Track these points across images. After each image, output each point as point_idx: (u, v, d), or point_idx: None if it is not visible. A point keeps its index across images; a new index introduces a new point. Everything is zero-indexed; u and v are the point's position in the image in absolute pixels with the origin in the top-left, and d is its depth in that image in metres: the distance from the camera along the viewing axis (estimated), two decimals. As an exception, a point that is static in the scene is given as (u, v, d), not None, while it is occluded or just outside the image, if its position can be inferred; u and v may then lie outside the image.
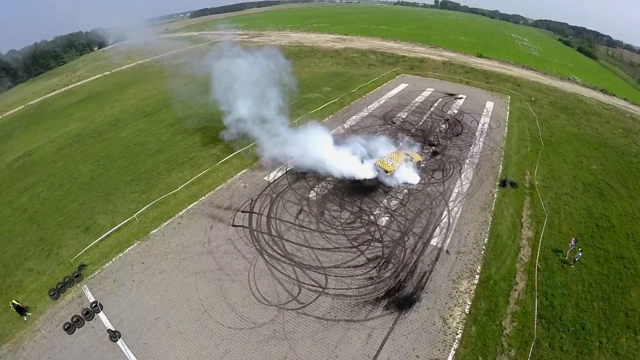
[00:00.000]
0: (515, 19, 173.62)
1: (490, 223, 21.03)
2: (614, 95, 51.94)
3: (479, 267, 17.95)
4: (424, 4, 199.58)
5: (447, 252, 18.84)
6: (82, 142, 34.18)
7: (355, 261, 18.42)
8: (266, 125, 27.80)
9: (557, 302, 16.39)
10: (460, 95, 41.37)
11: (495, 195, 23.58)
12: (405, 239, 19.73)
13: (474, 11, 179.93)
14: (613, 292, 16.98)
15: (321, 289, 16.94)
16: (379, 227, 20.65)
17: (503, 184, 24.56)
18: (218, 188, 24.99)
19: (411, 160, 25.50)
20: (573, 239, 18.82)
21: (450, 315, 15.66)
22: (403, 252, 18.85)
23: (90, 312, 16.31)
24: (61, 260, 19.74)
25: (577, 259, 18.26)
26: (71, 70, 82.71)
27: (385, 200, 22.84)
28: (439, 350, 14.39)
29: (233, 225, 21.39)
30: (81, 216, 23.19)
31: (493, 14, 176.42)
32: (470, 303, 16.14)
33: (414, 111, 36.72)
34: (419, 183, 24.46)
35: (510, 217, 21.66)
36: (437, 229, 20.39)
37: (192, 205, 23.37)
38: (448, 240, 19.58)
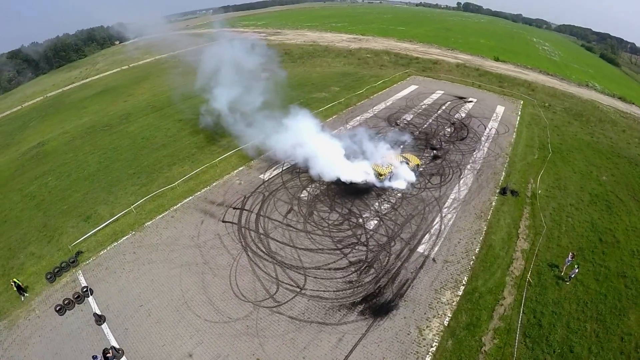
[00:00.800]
0: (539, 24, 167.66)
1: (484, 232, 19.98)
2: (633, 103, 48.68)
3: (465, 278, 17.05)
4: (446, 5, 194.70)
5: (434, 260, 18.04)
6: (93, 135, 35.39)
7: (337, 264, 17.98)
8: (267, 123, 27.72)
9: (546, 321, 15.27)
10: (470, 99, 39.76)
11: (494, 204, 22.40)
12: (392, 244, 19.07)
13: (496, 14, 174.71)
14: (609, 314, 15.66)
15: (299, 289, 16.70)
16: (366, 230, 20.14)
17: (503, 191, 23.32)
18: (214, 184, 25.17)
19: (408, 164, 24.80)
20: (570, 253, 17.58)
21: (427, 327, 14.95)
22: (387, 258, 18.22)
23: (81, 296, 16.82)
24: (61, 246, 20.48)
25: (573, 276, 17.00)
26: (91, 64, 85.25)
27: (377, 204, 22.20)
28: (413, 353, 13.83)
29: (223, 221, 21.46)
30: (83, 205, 24.00)
31: (516, 18, 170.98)
32: (450, 315, 15.35)
33: (420, 114, 35.60)
34: (415, 187, 23.68)
35: (507, 227, 20.51)
36: (427, 236, 19.58)
37: (188, 199, 23.64)
38: (436, 248, 18.75)
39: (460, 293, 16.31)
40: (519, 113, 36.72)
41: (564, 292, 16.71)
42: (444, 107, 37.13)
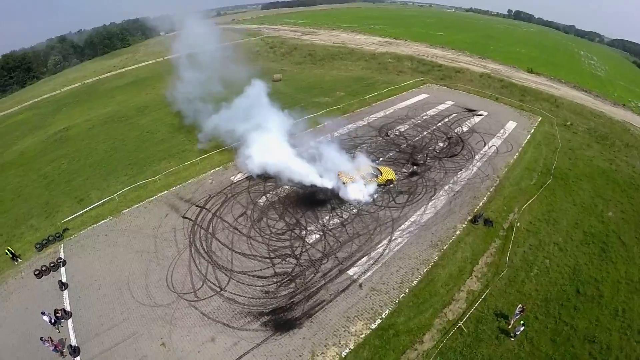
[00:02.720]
0: (591, 37, 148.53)
1: (431, 263, 17.60)
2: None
3: (386, 311, 15.17)
4: (497, 12, 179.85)
5: (360, 285, 16.41)
6: (110, 124, 38.37)
7: (263, 272, 17.38)
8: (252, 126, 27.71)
9: (462, 382, 12.99)
10: (480, 112, 35.51)
11: (458, 232, 19.63)
12: (324, 261, 17.81)
13: (548, 24, 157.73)
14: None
15: (219, 289, 16.67)
16: (304, 243, 19.11)
17: (475, 220, 20.36)
18: (190, 181, 25.80)
19: (376, 177, 23.04)
20: (520, 306, 14.46)
21: (322, 353, 13.66)
22: (313, 275, 17.12)
23: (56, 265, 18.83)
24: (54, 222, 22.69)
25: (518, 333, 14.09)
26: (133, 53, 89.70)
27: (327, 218, 20.95)
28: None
29: (183, 217, 21.98)
30: (81, 189, 26.26)
31: (568, 29, 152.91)
32: (352, 348, 13.80)
33: (418, 125, 32.73)
34: (374, 205, 21.89)
35: (461, 262, 17.78)
36: (365, 259, 17.87)
37: (163, 193, 24.57)
38: (368, 273, 16.98)
39: (373, 326, 14.55)
40: (531, 131, 31.87)
41: (503, 350, 13.93)
42: (447, 120, 33.69)
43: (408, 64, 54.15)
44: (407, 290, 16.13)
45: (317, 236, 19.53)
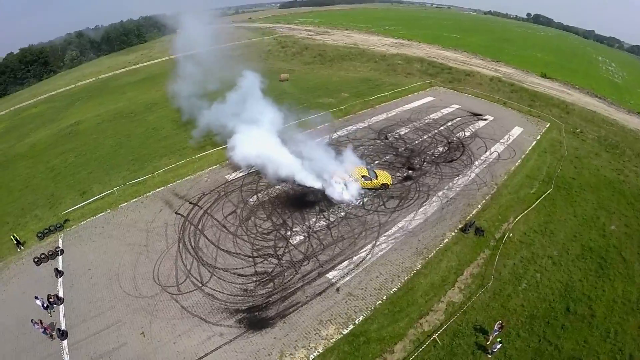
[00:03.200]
0: (611, 42, 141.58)
1: (413, 272, 17.20)
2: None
3: (360, 318, 14.98)
4: (516, 16, 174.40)
5: (338, 290, 16.28)
6: (118, 120, 39.68)
7: (244, 270, 17.61)
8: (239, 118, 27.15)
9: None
10: (485, 117, 34.37)
11: (445, 241, 19.08)
12: (305, 263, 17.79)
13: (567, 29, 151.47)
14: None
15: (200, 285, 17.06)
16: (288, 244, 19.11)
17: (465, 228, 19.72)
18: (186, 178, 26.32)
19: (370, 180, 22.66)
20: (498, 323, 13.77)
21: (291, 354, 13.72)
22: (292, 276, 17.12)
23: (54, 254, 19.83)
24: (56, 212, 23.82)
25: (494, 351, 13.54)
26: (148, 49, 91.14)
27: (314, 220, 20.88)
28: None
29: (176, 213, 22.56)
30: (85, 182, 27.38)
31: (588, 34, 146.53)
32: (320, 352, 13.73)
33: (419, 128, 32.08)
34: (363, 209, 21.61)
35: (445, 272, 17.26)
36: (346, 262, 17.69)
37: (160, 189, 25.25)
38: (347, 278, 16.81)
39: (345, 332, 14.40)
40: (537, 137, 30.54)
41: (478, 364, 13.50)
42: (450, 123, 32.81)
43: (417, 66, 53.17)
44: (384, 298, 15.85)
45: (302, 238, 19.53)
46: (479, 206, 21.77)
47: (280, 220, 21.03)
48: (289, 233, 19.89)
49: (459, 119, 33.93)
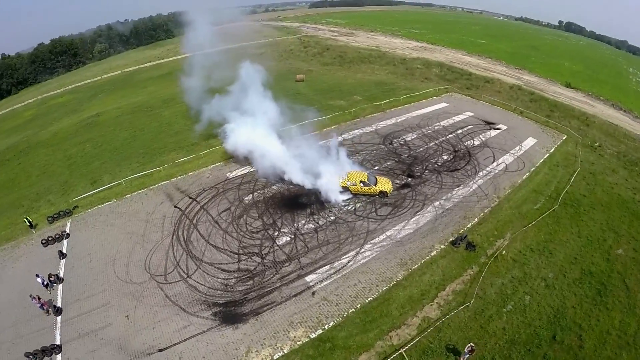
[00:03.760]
0: None
1: (393, 283, 16.94)
2: None
3: (330, 323, 15.05)
4: (547, 23, 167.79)
5: (313, 293, 16.43)
6: (135, 113, 41.78)
7: (228, 266, 18.27)
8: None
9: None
10: (498, 126, 33.00)
11: (433, 253, 18.60)
12: (287, 264, 18.11)
13: (600, 38, 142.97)
14: None
15: (186, 276, 17.92)
16: (273, 244, 19.52)
17: (455, 242, 19.14)
18: (190, 174, 27.46)
19: (369, 187, 22.40)
20: (469, 345, 13.24)
21: (257, 351, 14.12)
22: (272, 276, 17.48)
23: (60, 237, 21.57)
24: (67, 199, 25.76)
25: (464, 375, 13.07)
26: (175, 44, 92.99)
27: (303, 222, 21.15)
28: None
29: (175, 206, 23.70)
30: (96, 172, 29.36)
31: (620, 45, 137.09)
32: (285, 352, 13.99)
33: (427, 135, 31.40)
34: (354, 214, 21.55)
35: (426, 285, 16.82)
36: (326, 267, 17.80)
37: (164, 182, 26.56)
38: (325, 283, 16.93)
39: (313, 336, 14.55)
40: (551, 150, 28.89)
41: (442, 386, 13.11)
42: (460, 131, 31.84)
43: (436, 70, 51.93)
44: (358, 306, 15.79)
45: (288, 239, 19.87)
46: (476, 219, 21.01)
47: (271, 220, 21.54)
48: (276, 233, 20.34)
49: (470, 127, 32.85)
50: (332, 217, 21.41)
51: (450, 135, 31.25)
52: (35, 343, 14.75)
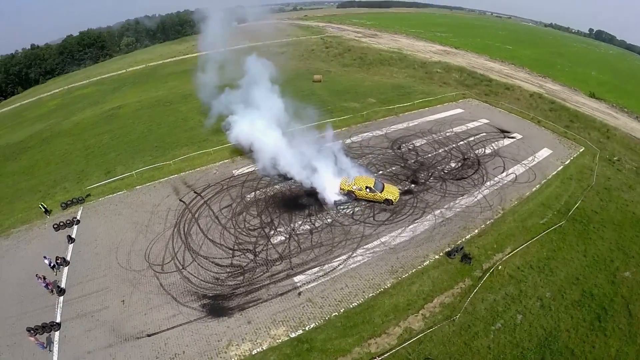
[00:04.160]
0: None
1: (380, 290, 16.85)
2: None
3: (311, 325, 15.27)
4: (578, 30, 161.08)
5: (299, 294, 16.68)
6: (154, 107, 43.35)
7: (221, 261, 18.93)
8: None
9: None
10: (513, 134, 31.85)
11: (426, 263, 18.32)
12: (277, 263, 18.48)
13: (631, 48, 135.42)
14: None
15: (181, 267, 18.73)
16: (268, 242, 19.97)
17: (451, 253, 18.71)
18: (198, 169, 28.39)
19: (374, 193, 22.23)
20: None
21: (237, 345, 14.61)
22: (262, 273, 17.90)
23: (71, 223, 23.06)
24: (82, 187, 27.38)
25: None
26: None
27: (300, 222, 21.43)
28: (207, 358, 14.27)
29: (180, 200, 24.75)
30: (111, 163, 30.90)
31: None
32: (264, 348, 14.38)
33: (437, 141, 30.81)
34: (352, 218, 21.61)
35: (414, 295, 16.58)
36: (316, 269, 18.00)
37: (172, 176, 27.62)
38: (312, 284, 17.14)
39: (293, 335, 14.83)
40: (566, 162, 27.55)
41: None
42: (472, 139, 31.02)
43: (456, 75, 50.67)
44: (341, 310, 15.88)
45: (283, 238, 20.24)
46: (476, 231, 20.47)
47: (269, 218, 22.00)
48: (272, 232, 20.77)
49: (484, 134, 31.93)
50: (329, 220, 21.57)
51: (462, 143, 30.51)
52: (37, 319, 15.93)
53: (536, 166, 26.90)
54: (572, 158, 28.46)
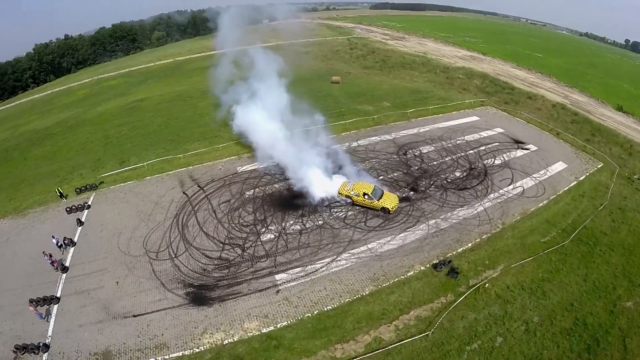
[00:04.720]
0: None
1: (357, 296, 16.81)
2: None
3: (283, 323, 15.63)
4: (614, 41, 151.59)
5: (277, 292, 17.09)
6: (175, 102, 45.19)
7: (211, 253, 19.79)
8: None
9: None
10: (528, 145, 30.27)
11: (410, 273, 18.00)
12: (263, 260, 19.01)
13: None
14: None
15: (174, 256, 19.81)
16: (257, 239, 20.55)
17: (437, 265, 18.24)
18: (205, 164, 29.51)
19: (371, 200, 22.08)
20: None
21: (211, 334, 15.44)
22: (247, 268, 18.53)
23: (82, 207, 25.00)
24: (96, 174, 29.29)
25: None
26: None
27: (291, 222, 21.84)
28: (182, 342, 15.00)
29: (183, 192, 26.00)
30: (126, 153, 32.79)
31: None
32: (234, 340, 14.96)
33: (445, 149, 29.98)
34: (343, 222, 21.71)
35: (391, 306, 16.35)
36: (298, 269, 18.33)
37: (180, 170, 28.96)
38: (292, 284, 17.49)
39: (264, 331, 15.28)
40: (581, 178, 25.82)
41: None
42: (483, 148, 29.89)
43: (477, 82, 48.76)
44: (315, 312, 16.08)
45: (272, 236, 20.76)
46: (469, 244, 19.80)
47: (263, 216, 22.60)
48: (263, 229, 21.35)
49: (496, 144, 30.66)
50: (320, 222, 21.80)
51: (471, 152, 29.50)
52: (40, 292, 17.58)
53: (547, 180, 25.49)
54: (587, 174, 26.69)
